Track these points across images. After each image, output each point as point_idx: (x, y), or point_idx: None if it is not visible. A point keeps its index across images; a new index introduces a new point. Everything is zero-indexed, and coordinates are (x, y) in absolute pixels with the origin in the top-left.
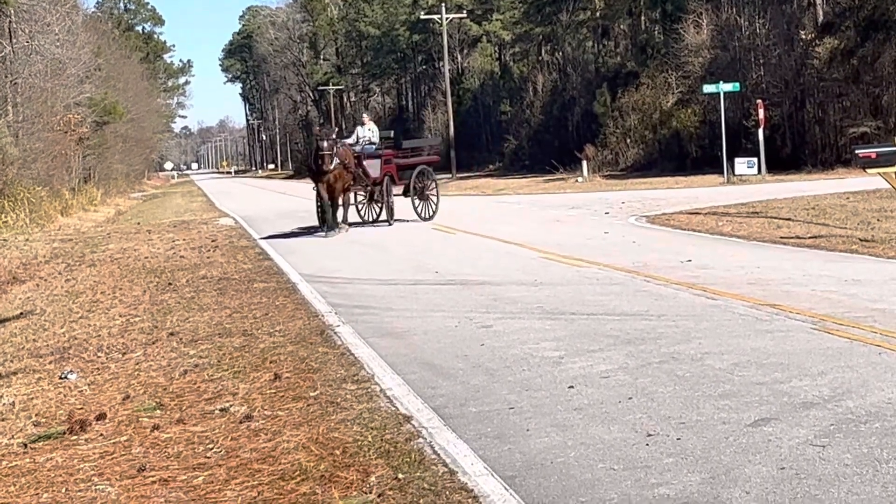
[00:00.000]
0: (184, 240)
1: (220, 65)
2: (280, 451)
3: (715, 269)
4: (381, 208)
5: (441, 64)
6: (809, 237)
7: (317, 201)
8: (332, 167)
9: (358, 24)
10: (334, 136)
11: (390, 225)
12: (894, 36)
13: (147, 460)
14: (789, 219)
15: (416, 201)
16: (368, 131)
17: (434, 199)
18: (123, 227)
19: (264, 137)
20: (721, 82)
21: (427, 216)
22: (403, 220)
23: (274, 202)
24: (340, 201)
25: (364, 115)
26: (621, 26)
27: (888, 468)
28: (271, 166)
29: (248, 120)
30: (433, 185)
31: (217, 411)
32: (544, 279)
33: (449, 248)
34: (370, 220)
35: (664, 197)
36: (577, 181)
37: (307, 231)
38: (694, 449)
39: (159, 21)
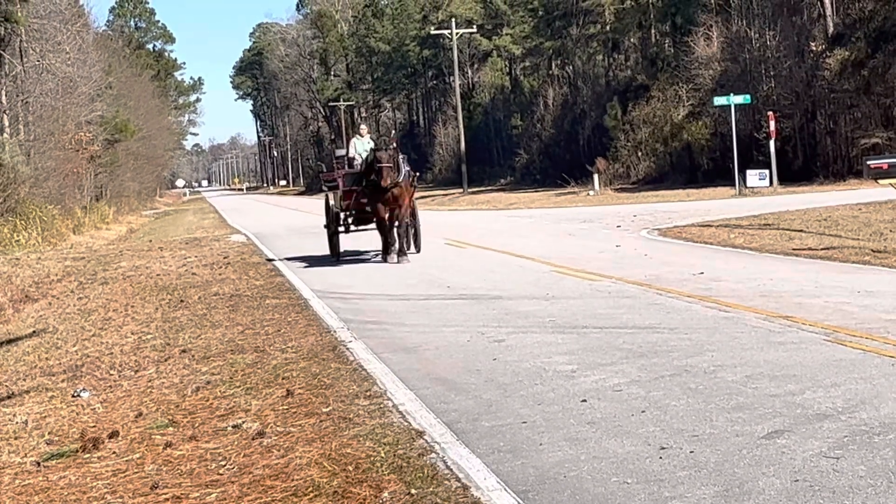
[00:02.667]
0: (195, 257)
1: (231, 82)
2: (293, 467)
3: (727, 281)
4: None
5: (451, 79)
6: (822, 249)
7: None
8: (399, 179)
9: (368, 40)
10: (395, 146)
11: (417, 252)
12: None
13: (160, 478)
14: (801, 230)
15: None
16: (367, 144)
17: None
18: (135, 244)
19: (275, 154)
20: (732, 94)
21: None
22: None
23: (286, 218)
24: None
25: (362, 125)
26: (631, 39)
27: None
28: (283, 182)
29: (259, 136)
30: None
31: (230, 428)
32: (556, 293)
33: (461, 263)
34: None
35: (676, 209)
36: (588, 195)
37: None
38: (707, 462)
39: (170, 39)
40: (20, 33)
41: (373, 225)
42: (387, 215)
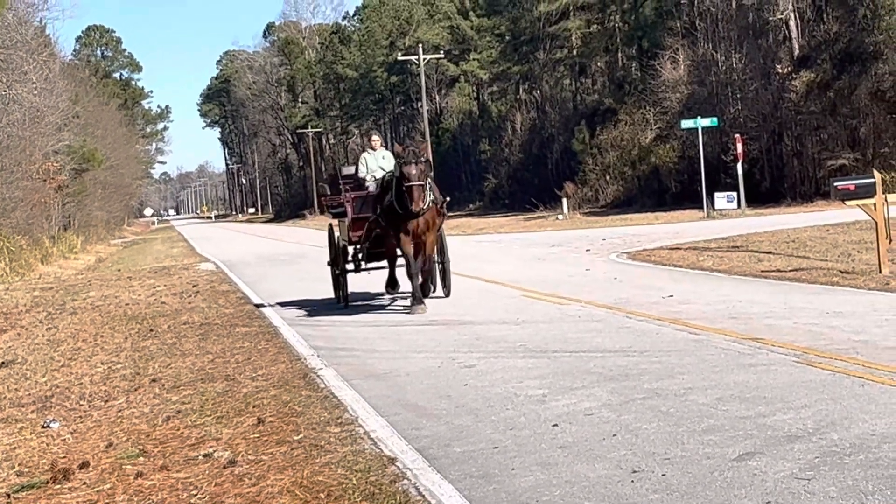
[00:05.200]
0: (165, 286)
1: (198, 110)
2: (265, 495)
3: (697, 304)
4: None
5: (419, 104)
6: (790, 270)
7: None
8: (425, 206)
9: (335, 67)
10: (425, 159)
11: (447, 296)
12: (870, 68)
13: None
14: (770, 252)
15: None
16: (382, 159)
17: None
18: (104, 274)
19: (244, 181)
20: (699, 117)
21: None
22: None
23: (255, 246)
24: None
25: (374, 136)
26: (598, 63)
27: (873, 500)
28: (252, 210)
29: (227, 164)
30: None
31: (201, 457)
32: (526, 317)
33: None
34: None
35: (645, 233)
36: (557, 219)
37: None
38: (679, 485)
39: (137, 67)
40: None
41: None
42: (410, 249)
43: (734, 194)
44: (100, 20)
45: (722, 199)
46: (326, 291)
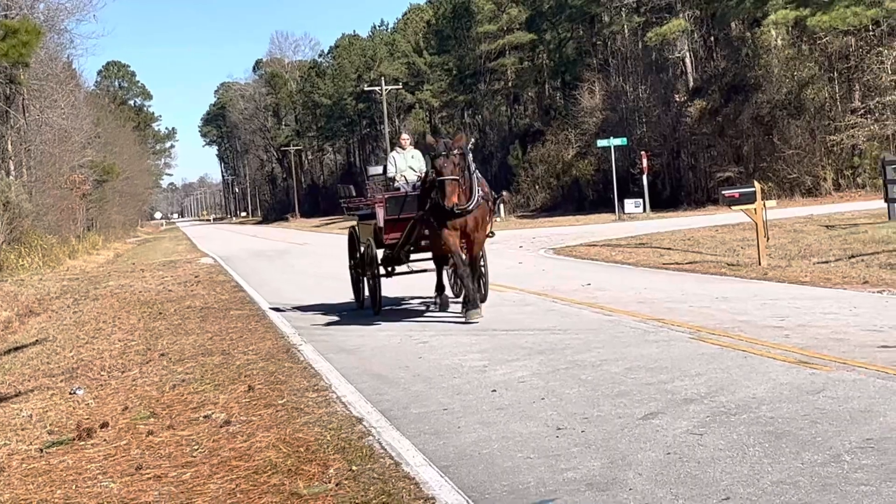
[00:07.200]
0: (171, 276)
1: (199, 131)
2: (254, 449)
3: (610, 290)
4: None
5: (382, 127)
6: (686, 263)
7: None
8: (469, 204)
9: (313, 96)
10: (459, 151)
11: (483, 300)
12: (751, 97)
13: (143, 460)
14: (670, 248)
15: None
16: (412, 159)
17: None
18: (121, 267)
19: (237, 190)
20: (612, 137)
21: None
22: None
23: (246, 244)
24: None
25: (403, 134)
26: (529, 93)
27: (754, 451)
28: (244, 214)
29: (223, 176)
30: None
31: (201, 418)
32: None
33: (391, 282)
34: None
35: (567, 233)
36: (496, 221)
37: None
38: (596, 439)
39: (148, 96)
40: (23, 93)
41: (421, 265)
42: (454, 247)
43: (640, 201)
44: (117, 56)
45: (631, 205)
46: (307, 282)
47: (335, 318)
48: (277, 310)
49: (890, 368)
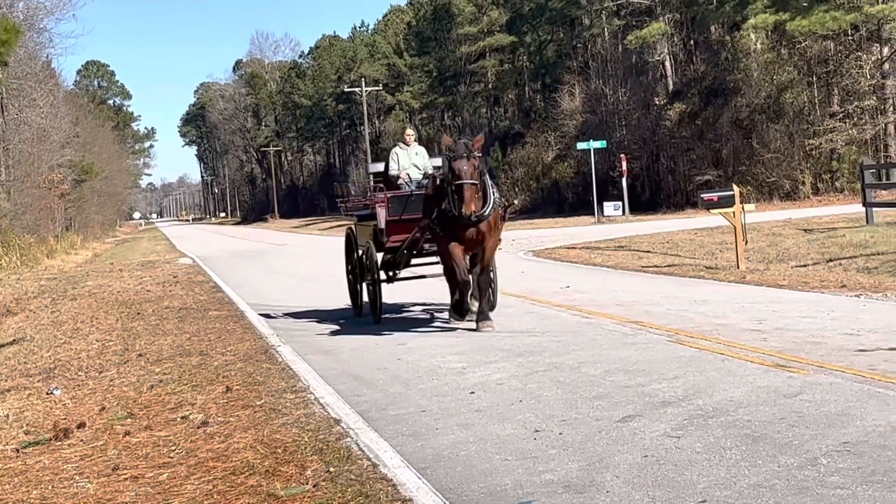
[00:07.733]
0: (150, 276)
1: (178, 131)
2: (231, 450)
3: (589, 293)
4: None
5: (362, 128)
6: (665, 266)
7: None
8: (484, 210)
9: (293, 96)
10: (479, 154)
11: (491, 309)
12: (730, 101)
13: (120, 461)
14: (649, 251)
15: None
16: (416, 156)
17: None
18: (99, 267)
19: (216, 190)
20: (591, 140)
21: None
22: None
23: (225, 244)
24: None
25: (407, 130)
26: (509, 96)
27: (731, 454)
28: (223, 214)
29: (202, 176)
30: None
31: (179, 419)
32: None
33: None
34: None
35: (547, 235)
36: None
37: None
38: (573, 441)
39: (127, 96)
40: (1, 92)
41: (427, 270)
42: (460, 257)
43: (620, 203)
44: (97, 56)
45: (610, 208)
46: (287, 282)
47: (314, 319)
48: (256, 310)
49: (867, 372)
